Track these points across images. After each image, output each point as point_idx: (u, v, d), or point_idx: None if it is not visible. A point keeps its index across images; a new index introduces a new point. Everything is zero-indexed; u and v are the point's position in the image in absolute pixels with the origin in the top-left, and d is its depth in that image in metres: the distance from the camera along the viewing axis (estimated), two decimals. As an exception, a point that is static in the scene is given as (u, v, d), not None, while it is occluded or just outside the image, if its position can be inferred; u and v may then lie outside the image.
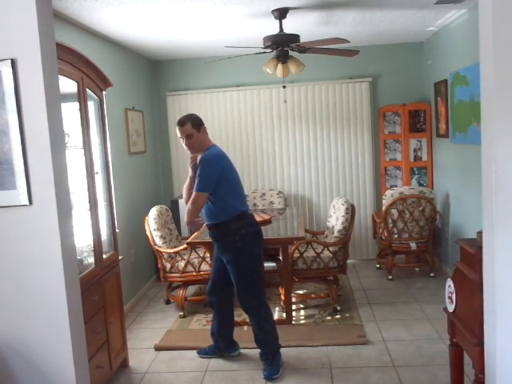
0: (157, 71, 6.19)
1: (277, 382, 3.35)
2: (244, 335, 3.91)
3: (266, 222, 4.69)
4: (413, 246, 5.21)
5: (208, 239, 4.15)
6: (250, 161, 6.13)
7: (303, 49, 4.21)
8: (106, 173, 3.53)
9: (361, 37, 5.31)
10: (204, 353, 3.76)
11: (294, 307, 4.46)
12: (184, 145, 3.44)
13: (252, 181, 6.15)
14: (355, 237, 6.00)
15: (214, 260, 3.73)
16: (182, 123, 3.40)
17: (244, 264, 3.45)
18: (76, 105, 3.09)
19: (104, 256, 3.33)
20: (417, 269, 5.65)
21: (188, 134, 3.38)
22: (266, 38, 4.16)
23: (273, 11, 4.01)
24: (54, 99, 2.46)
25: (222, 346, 3.72)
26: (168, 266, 4.60)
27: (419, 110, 5.85)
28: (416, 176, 5.97)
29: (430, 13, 4.46)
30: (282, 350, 3.60)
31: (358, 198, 6.10)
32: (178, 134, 3.44)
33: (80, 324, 2.65)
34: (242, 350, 3.77)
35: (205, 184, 3.33)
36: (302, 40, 4.22)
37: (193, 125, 3.39)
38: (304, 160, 6.10)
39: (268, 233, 4.46)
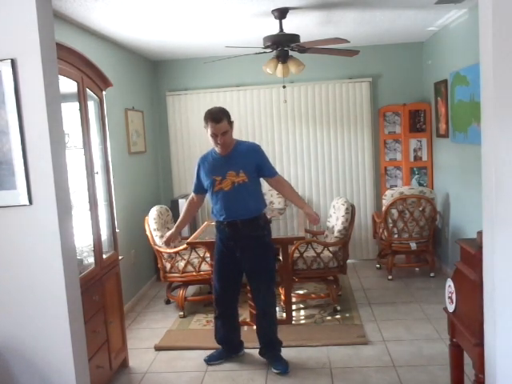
0: (157, 71, 6.19)
1: (277, 382, 3.35)
2: (243, 335, 3.90)
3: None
4: (413, 246, 5.21)
5: (208, 239, 4.17)
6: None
7: (303, 49, 4.21)
8: (106, 173, 3.53)
9: (361, 37, 5.31)
10: (213, 359, 3.62)
11: (294, 307, 4.45)
12: (217, 142, 3.24)
13: (252, 181, 6.15)
14: (355, 237, 5.99)
15: (223, 267, 3.52)
16: (218, 119, 3.18)
17: (270, 261, 3.50)
18: (76, 105, 3.08)
19: (104, 256, 3.33)
20: (417, 269, 5.64)
21: (225, 131, 3.21)
22: (266, 38, 4.16)
23: (273, 11, 4.01)
24: (54, 99, 2.46)
25: (232, 349, 3.69)
26: (168, 266, 4.60)
27: (419, 110, 5.84)
28: (416, 176, 5.97)
29: (430, 13, 4.46)
30: (282, 350, 3.61)
31: (358, 197, 6.09)
32: (211, 131, 3.21)
33: (80, 324, 2.65)
34: (241, 350, 3.78)
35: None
36: (302, 40, 4.22)
37: (228, 120, 3.24)
38: (304, 160, 6.10)
39: (268, 233, 4.47)
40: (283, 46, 4.19)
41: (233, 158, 3.36)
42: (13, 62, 2.33)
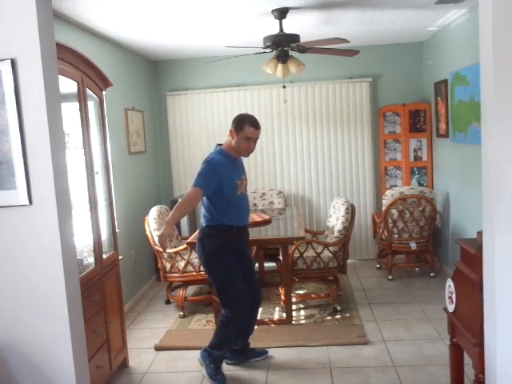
0: (157, 71, 6.19)
1: (277, 382, 3.35)
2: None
3: (266, 222, 4.69)
4: (413, 245, 5.21)
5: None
6: (250, 161, 6.12)
7: (303, 49, 4.21)
8: (106, 173, 3.53)
9: (361, 37, 5.31)
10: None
11: (294, 307, 4.45)
12: (250, 147, 3.30)
13: (252, 181, 6.13)
14: (355, 237, 5.99)
15: (239, 275, 3.36)
16: (258, 125, 3.29)
17: None
18: (76, 105, 3.08)
19: (104, 256, 3.33)
20: (417, 269, 5.64)
21: (258, 137, 3.34)
22: (266, 38, 4.16)
23: (273, 11, 4.01)
24: (54, 99, 2.46)
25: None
26: (168, 266, 4.60)
27: (419, 110, 5.84)
28: (416, 176, 5.97)
29: (429, 13, 4.46)
30: (282, 350, 3.62)
31: (358, 197, 6.09)
32: (248, 135, 3.25)
33: (80, 324, 2.65)
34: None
35: None
36: (302, 40, 4.21)
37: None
38: (304, 160, 6.10)
39: (268, 233, 4.47)
40: (283, 45, 4.19)
41: (239, 162, 3.48)
42: (13, 62, 2.33)
